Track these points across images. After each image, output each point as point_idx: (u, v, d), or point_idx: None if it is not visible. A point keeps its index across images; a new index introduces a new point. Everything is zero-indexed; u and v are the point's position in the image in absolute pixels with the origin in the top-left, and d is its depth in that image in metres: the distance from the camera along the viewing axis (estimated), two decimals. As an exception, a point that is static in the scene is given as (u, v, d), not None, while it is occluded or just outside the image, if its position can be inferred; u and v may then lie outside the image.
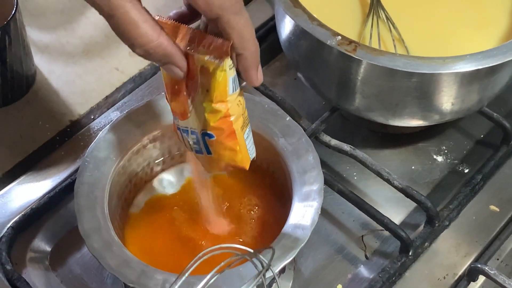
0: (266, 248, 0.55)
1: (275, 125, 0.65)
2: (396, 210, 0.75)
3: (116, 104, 0.82)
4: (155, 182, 0.69)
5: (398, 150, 0.80)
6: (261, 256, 0.54)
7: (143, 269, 0.57)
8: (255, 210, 0.66)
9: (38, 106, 0.82)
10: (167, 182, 0.69)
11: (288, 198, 0.63)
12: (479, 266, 0.67)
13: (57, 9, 0.90)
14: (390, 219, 0.69)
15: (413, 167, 0.78)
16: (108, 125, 0.65)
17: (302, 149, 0.64)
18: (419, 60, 0.63)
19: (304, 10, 0.67)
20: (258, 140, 0.65)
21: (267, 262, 0.53)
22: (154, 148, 0.67)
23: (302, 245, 0.58)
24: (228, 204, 0.66)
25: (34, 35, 0.87)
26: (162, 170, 0.69)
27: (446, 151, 0.79)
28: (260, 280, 0.52)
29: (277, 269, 0.57)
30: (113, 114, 0.81)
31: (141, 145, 0.66)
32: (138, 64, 0.86)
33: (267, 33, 0.86)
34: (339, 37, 0.65)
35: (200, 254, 0.52)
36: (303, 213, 0.60)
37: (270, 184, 0.67)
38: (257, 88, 0.78)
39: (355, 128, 0.81)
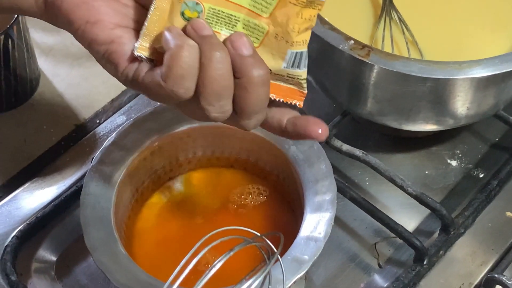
0: (275, 233, 0.53)
1: (286, 132, 0.64)
2: (410, 216, 0.73)
3: (122, 108, 0.80)
4: (162, 191, 0.67)
5: (411, 154, 0.78)
6: (268, 241, 0.51)
7: (152, 283, 0.55)
8: (266, 219, 0.64)
9: (43, 110, 0.80)
10: (175, 190, 0.67)
11: (300, 208, 0.61)
12: (496, 276, 0.65)
13: (61, 10, 0.88)
14: (404, 227, 0.67)
15: (426, 172, 0.76)
16: (114, 134, 0.64)
17: (314, 157, 0.62)
18: (434, 65, 0.61)
19: (315, 13, 0.65)
20: (269, 147, 0.64)
21: (276, 250, 0.50)
22: (161, 156, 0.66)
23: (315, 258, 0.56)
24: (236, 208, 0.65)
25: (38, 37, 0.85)
26: (170, 179, 0.67)
27: (460, 155, 0.77)
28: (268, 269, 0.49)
29: (289, 283, 0.55)
30: (119, 119, 0.79)
31: (148, 153, 0.64)
32: (145, 66, 0.84)
33: (276, 34, 0.84)
34: (352, 42, 0.63)
35: (206, 237, 0.50)
36: (315, 224, 0.58)
37: (281, 193, 0.65)
38: (266, 92, 0.76)
39: (367, 132, 0.79)
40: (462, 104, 0.66)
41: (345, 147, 0.73)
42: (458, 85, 0.63)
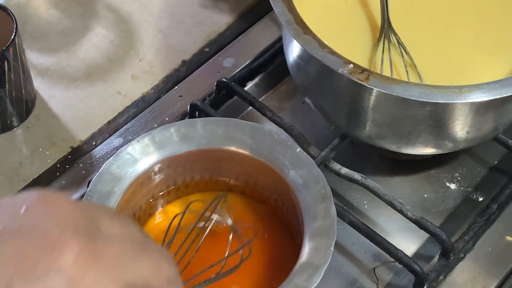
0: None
1: (285, 156, 0.63)
2: (409, 240, 0.72)
3: (119, 130, 0.79)
4: (160, 215, 0.66)
5: (409, 177, 0.77)
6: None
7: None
8: (264, 245, 0.63)
9: (38, 132, 0.79)
10: (172, 214, 0.66)
11: (299, 233, 0.61)
12: (497, 302, 0.64)
13: (58, 30, 0.88)
14: (403, 252, 0.66)
15: (425, 195, 0.76)
16: (111, 157, 0.63)
17: (313, 181, 0.62)
18: (434, 90, 0.61)
19: (314, 37, 0.64)
20: (267, 171, 0.64)
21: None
22: (159, 180, 0.65)
23: (316, 284, 0.55)
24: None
25: (34, 58, 0.85)
26: (167, 202, 0.67)
27: (459, 178, 0.77)
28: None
29: (289, 310, 0.54)
30: (116, 141, 0.78)
31: (146, 177, 0.64)
32: (142, 87, 0.84)
33: (273, 55, 0.84)
34: (351, 65, 0.62)
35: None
36: (315, 250, 0.57)
37: (280, 217, 0.65)
38: (264, 114, 0.76)
39: (365, 154, 0.78)
40: (461, 128, 0.66)
41: (344, 170, 0.72)
42: (458, 109, 0.63)
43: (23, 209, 0.39)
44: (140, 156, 0.63)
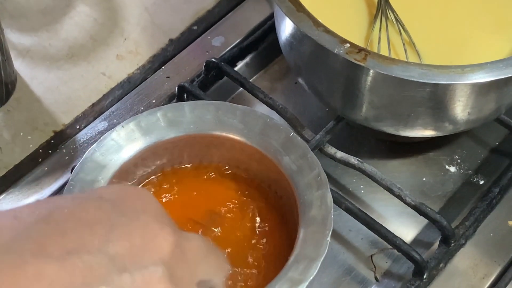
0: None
1: (278, 141, 0.60)
2: (407, 226, 0.69)
3: (104, 114, 0.76)
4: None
5: (407, 160, 0.74)
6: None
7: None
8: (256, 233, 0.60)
9: (19, 116, 0.76)
10: (161, 202, 0.63)
11: (293, 222, 0.58)
12: (500, 291, 0.62)
13: (38, 9, 0.84)
14: (402, 240, 0.64)
15: (424, 179, 0.73)
16: (95, 144, 0.59)
17: (308, 168, 0.58)
18: (435, 70, 0.58)
19: (308, 14, 0.61)
20: (259, 157, 0.60)
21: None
22: (146, 167, 0.62)
23: (312, 277, 0.52)
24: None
25: (14, 38, 0.81)
26: (154, 191, 0.63)
27: (459, 160, 0.74)
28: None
29: (285, 306, 0.52)
30: (100, 125, 0.75)
31: (131, 164, 0.60)
32: (127, 68, 0.80)
33: (264, 34, 0.80)
34: (348, 45, 0.59)
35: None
36: (311, 240, 0.54)
37: (273, 205, 0.61)
38: (256, 96, 0.72)
39: (361, 137, 0.75)
40: (463, 110, 0.63)
41: (340, 154, 0.69)
42: (459, 90, 0.60)
43: (120, 200, 0.42)
44: (125, 143, 0.60)
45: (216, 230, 0.60)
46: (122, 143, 0.60)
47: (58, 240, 0.37)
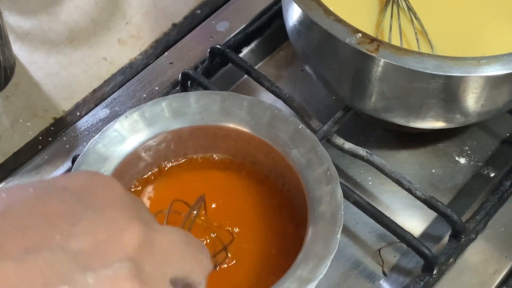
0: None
1: (287, 133, 0.58)
2: (416, 220, 0.68)
3: (105, 100, 0.74)
4: (150, 197, 0.61)
5: (416, 151, 0.72)
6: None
7: None
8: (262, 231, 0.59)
9: (18, 102, 0.74)
10: (163, 195, 0.61)
11: (302, 218, 0.56)
12: (512, 288, 0.60)
13: (38, -9, 0.81)
14: (412, 235, 0.62)
15: (433, 171, 0.71)
16: (97, 135, 0.58)
17: (318, 161, 0.57)
18: (450, 61, 0.56)
19: (318, 2, 0.59)
20: (267, 150, 0.59)
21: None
22: (149, 159, 0.60)
23: (321, 276, 0.51)
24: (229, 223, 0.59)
25: (12, 21, 0.79)
26: (158, 183, 0.62)
27: (469, 152, 0.72)
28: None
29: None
30: (102, 112, 0.73)
31: (135, 156, 0.58)
32: (129, 53, 0.78)
33: (270, 19, 0.78)
34: (360, 35, 0.57)
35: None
36: (320, 237, 0.53)
37: (281, 200, 0.60)
38: (262, 84, 0.70)
39: (369, 127, 0.73)
40: (476, 101, 0.61)
41: (348, 145, 0.67)
42: (474, 82, 0.58)
43: (86, 192, 0.39)
44: (128, 134, 0.58)
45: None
46: (125, 134, 0.58)
47: (16, 237, 0.35)
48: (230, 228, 0.58)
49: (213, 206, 0.59)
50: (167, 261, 0.40)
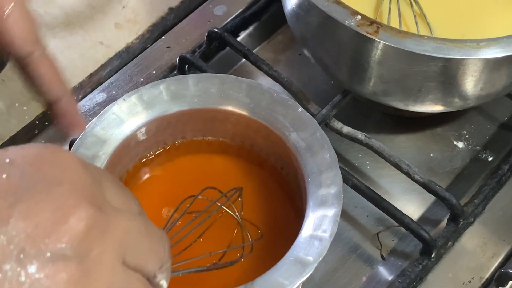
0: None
1: (286, 117, 0.58)
2: (414, 203, 0.68)
3: (102, 85, 0.74)
4: (148, 180, 0.61)
5: (414, 135, 0.72)
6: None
7: None
8: (261, 215, 0.58)
9: (14, 86, 0.73)
10: (162, 178, 0.61)
11: (301, 201, 0.56)
12: (510, 271, 0.60)
13: (33, -26, 0.81)
14: (411, 219, 0.62)
15: (431, 155, 0.71)
16: (95, 118, 0.57)
17: (317, 145, 0.56)
18: (450, 44, 0.56)
19: (317, -16, 0.58)
20: (266, 133, 0.58)
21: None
22: (148, 142, 0.59)
23: (320, 259, 0.51)
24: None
25: (8, 4, 0.78)
26: (156, 166, 0.61)
27: (467, 136, 0.72)
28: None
29: (293, 287, 0.50)
30: (99, 96, 0.72)
31: (133, 139, 0.58)
32: (126, 37, 0.78)
33: (268, 3, 0.78)
34: (359, 17, 0.57)
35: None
36: (319, 221, 0.52)
37: (280, 183, 0.60)
38: (260, 68, 0.70)
39: (367, 111, 0.73)
40: (475, 85, 0.61)
41: (346, 129, 0.67)
42: (473, 65, 0.58)
43: (33, 167, 0.35)
44: (126, 117, 0.58)
45: (218, 205, 0.58)
46: (123, 117, 0.58)
47: None
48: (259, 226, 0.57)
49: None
50: (119, 248, 0.37)
